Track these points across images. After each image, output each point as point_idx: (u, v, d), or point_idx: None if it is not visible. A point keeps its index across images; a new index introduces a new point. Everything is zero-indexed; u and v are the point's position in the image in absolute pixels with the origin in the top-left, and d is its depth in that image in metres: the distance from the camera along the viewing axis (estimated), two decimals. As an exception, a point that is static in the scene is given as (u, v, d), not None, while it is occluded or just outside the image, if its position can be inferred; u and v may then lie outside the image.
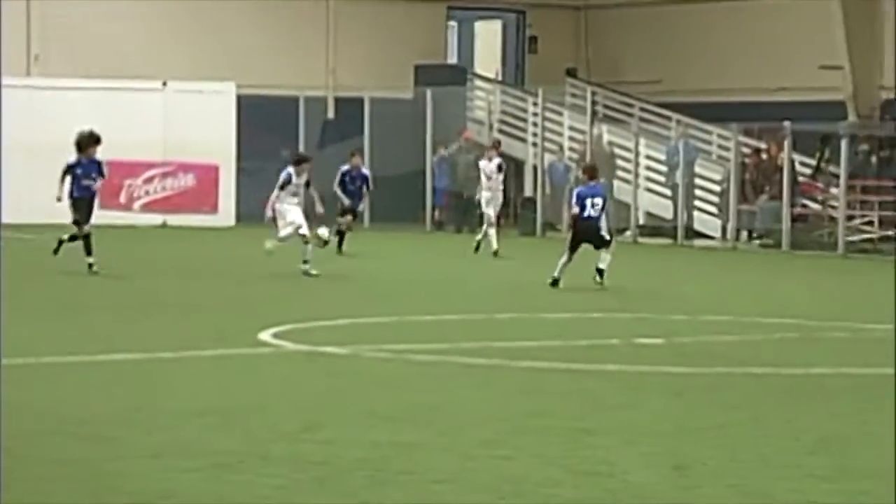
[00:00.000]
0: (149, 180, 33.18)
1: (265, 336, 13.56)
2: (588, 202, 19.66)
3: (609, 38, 36.85)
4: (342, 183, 25.82)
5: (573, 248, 19.62)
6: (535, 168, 33.60)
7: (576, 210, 19.91)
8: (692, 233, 31.11)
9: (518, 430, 9.32)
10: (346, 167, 26.15)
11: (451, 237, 32.58)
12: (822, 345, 14.55)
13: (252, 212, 32.71)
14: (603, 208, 19.79)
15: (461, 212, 34.20)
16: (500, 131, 34.91)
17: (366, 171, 26.50)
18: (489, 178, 26.67)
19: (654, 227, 31.77)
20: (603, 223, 19.90)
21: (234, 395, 10.47)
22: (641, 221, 31.85)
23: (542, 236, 32.31)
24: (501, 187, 26.91)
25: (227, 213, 33.43)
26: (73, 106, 31.76)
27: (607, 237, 19.76)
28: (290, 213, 20.70)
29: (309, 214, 21.21)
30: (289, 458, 8.12)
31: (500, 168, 27.10)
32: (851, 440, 9.20)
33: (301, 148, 34.30)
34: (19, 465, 7.74)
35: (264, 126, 33.16)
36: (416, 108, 34.47)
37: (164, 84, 33.12)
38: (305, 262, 20.38)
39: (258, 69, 33.90)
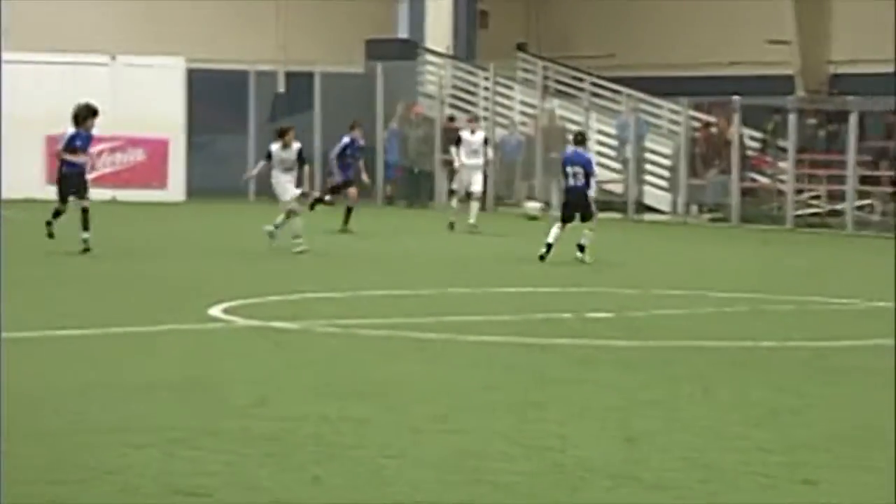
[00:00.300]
0: (97, 155, 32.97)
1: (215, 311, 13.54)
2: (569, 170, 19.85)
3: (559, 13, 36.88)
4: (342, 155, 25.63)
5: (564, 219, 19.77)
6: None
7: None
8: (642, 207, 31.24)
9: (468, 404, 9.35)
10: (347, 139, 25.93)
11: (403, 212, 32.58)
12: (770, 318, 14.65)
13: (204, 186, 32.68)
14: (587, 177, 19.84)
15: (413, 186, 34.21)
16: (452, 106, 34.91)
17: (362, 141, 26.36)
18: (475, 152, 26.61)
19: (605, 202, 31.84)
20: (590, 193, 20.02)
21: (185, 370, 10.45)
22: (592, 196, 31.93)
23: (494, 210, 32.35)
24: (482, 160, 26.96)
25: (176, 187, 33.31)
26: (20, 80, 31.55)
27: (592, 209, 19.89)
28: (286, 192, 20.66)
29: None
30: (239, 433, 8.12)
31: (486, 141, 27.23)
32: (799, 413, 9.28)
33: (251, 123, 34.23)
34: (-31, 441, 7.72)
35: (214, 100, 33.03)
36: (367, 83, 34.41)
37: (113, 58, 32.92)
38: (296, 237, 20.31)
39: (208, 43, 33.74)
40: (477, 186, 26.29)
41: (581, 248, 19.53)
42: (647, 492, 7.04)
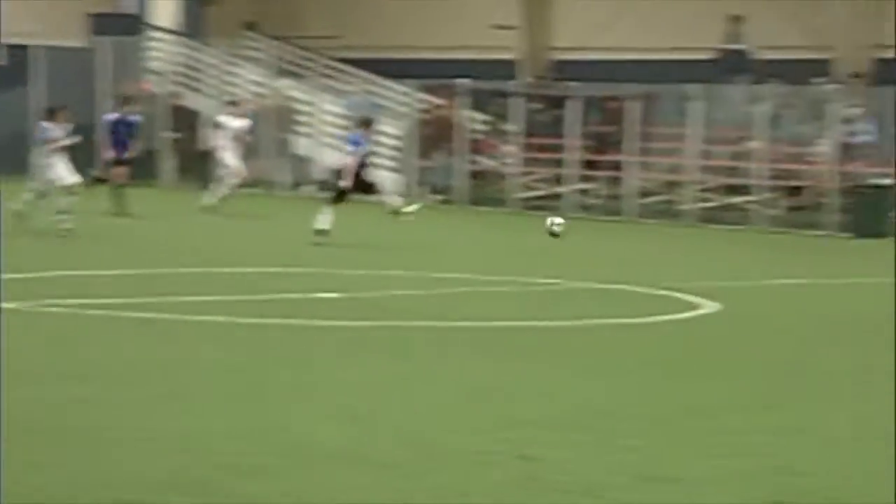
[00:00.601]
0: None
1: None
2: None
3: (289, -8, 36.83)
4: (114, 132, 24.68)
5: (340, 198, 20.82)
6: (214, 121, 33.39)
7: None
8: (372, 188, 31.48)
9: (197, 384, 9.40)
10: (114, 115, 24.96)
11: (127, 191, 32.08)
12: (492, 299, 15.04)
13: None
14: (357, 155, 20.92)
15: (137, 165, 33.69)
16: (179, 83, 34.57)
17: (135, 117, 25.50)
18: (236, 138, 26.08)
19: (335, 183, 31.99)
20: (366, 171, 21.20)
21: None
22: (322, 177, 32.09)
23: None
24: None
25: None
26: None
27: (368, 182, 21.12)
28: (64, 175, 20.08)
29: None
30: (-38, 416, 8.01)
31: (250, 129, 27.03)
32: (520, 392, 9.60)
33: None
34: None
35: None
36: (90, 58, 33.80)
37: None
38: (61, 213, 19.84)
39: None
40: (231, 178, 26.07)
41: (397, 213, 21.31)
42: (373, 471, 7.23)
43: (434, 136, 31.22)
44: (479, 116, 31.04)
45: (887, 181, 24.99)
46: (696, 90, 27.45)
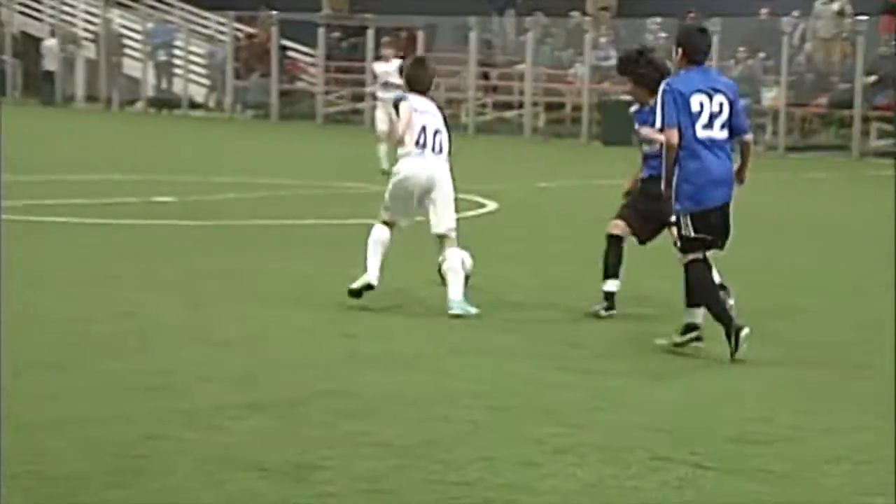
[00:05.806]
0: None
1: None
2: None
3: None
4: None
5: None
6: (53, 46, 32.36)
7: None
8: (193, 104, 31.03)
9: (59, 277, 9.22)
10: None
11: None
12: (305, 201, 14.99)
13: None
14: None
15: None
16: (20, 13, 33.36)
17: None
18: (386, 84, 18.97)
19: (163, 100, 31.56)
20: None
21: None
22: (151, 94, 31.55)
23: (64, 106, 31.46)
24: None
25: None
26: None
27: None
28: None
29: None
30: None
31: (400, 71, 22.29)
32: (336, 279, 9.62)
33: None
34: None
35: None
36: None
37: None
38: None
39: None
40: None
41: None
42: (214, 348, 7.20)
43: (248, 59, 30.78)
44: (292, 44, 30.69)
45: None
46: (473, 22, 27.55)
